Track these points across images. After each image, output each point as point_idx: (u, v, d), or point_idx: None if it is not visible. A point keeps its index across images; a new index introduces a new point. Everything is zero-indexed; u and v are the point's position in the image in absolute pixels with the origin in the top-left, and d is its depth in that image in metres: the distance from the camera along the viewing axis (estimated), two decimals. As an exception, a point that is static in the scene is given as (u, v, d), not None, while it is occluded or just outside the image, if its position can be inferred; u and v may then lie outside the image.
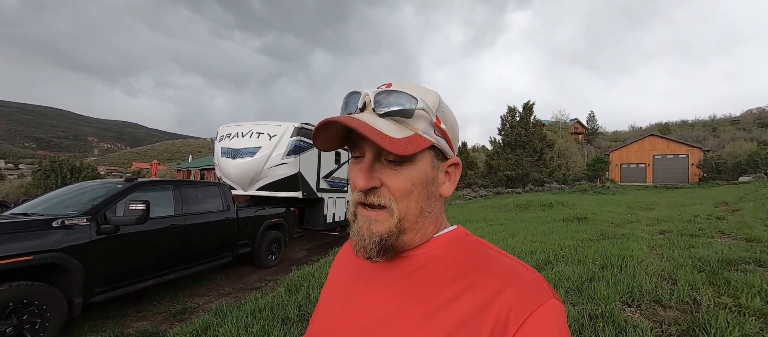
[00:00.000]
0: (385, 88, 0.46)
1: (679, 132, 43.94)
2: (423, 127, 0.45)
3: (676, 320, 2.17)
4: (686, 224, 6.17)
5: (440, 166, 0.48)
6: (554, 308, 0.38)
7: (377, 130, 0.42)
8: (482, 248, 0.47)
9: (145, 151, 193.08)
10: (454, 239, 0.48)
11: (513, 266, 0.43)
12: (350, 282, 0.52)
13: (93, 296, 2.84)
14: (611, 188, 19.37)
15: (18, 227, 2.50)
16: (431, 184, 0.47)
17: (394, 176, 0.44)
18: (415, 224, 0.46)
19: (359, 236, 0.46)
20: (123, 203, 3.15)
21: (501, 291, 0.39)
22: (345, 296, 0.51)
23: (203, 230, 4.07)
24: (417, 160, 0.45)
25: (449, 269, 0.44)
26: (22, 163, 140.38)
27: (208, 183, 4.68)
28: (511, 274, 0.41)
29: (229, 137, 5.94)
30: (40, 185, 26.35)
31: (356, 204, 0.47)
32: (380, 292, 0.46)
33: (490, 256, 0.45)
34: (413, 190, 0.45)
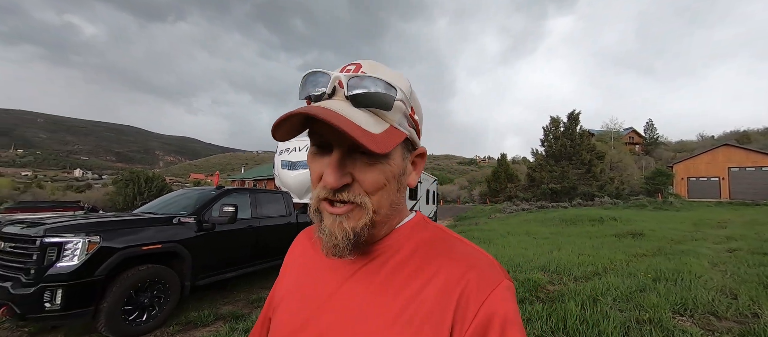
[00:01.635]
0: (355, 72, 0.42)
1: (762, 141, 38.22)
2: (398, 119, 0.43)
3: (730, 329, 2.20)
4: (762, 243, 5.60)
5: (407, 155, 0.47)
6: (508, 288, 0.40)
7: (356, 125, 0.38)
8: (442, 234, 0.47)
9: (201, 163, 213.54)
10: (414, 228, 0.48)
11: (470, 251, 0.44)
12: (312, 279, 0.49)
13: (197, 281, 3.53)
14: (675, 204, 17.49)
15: (151, 223, 3.26)
16: (402, 176, 0.46)
17: (368, 171, 0.42)
18: (386, 218, 0.45)
19: (329, 235, 0.42)
20: (217, 206, 3.87)
21: (462, 275, 0.40)
22: (309, 293, 0.47)
23: (271, 232, 4.72)
24: (391, 155, 0.43)
25: (414, 258, 0.44)
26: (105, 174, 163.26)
27: (274, 191, 5.38)
28: (471, 258, 0.42)
29: (288, 151, 6.73)
30: (120, 193, 30.61)
31: (320, 200, 0.43)
32: (350, 287, 0.44)
33: (450, 243, 0.45)
34: (386, 184, 0.43)
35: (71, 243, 2.60)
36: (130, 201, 28.86)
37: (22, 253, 2.61)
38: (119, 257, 2.81)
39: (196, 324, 3.25)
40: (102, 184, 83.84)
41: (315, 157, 0.44)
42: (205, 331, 3.11)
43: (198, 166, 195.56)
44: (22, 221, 2.99)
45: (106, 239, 2.76)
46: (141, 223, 3.18)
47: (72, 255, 2.58)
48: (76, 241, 2.61)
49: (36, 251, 2.53)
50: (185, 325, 3.23)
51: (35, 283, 2.47)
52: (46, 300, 2.46)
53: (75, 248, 2.60)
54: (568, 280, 3.55)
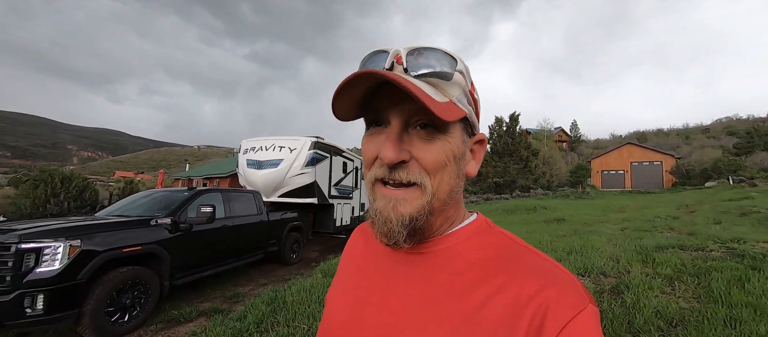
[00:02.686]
0: (416, 46, 0.40)
1: (655, 140, 46.67)
2: (457, 95, 0.40)
3: (611, 282, 3.13)
4: (644, 223, 7.30)
5: (468, 141, 0.44)
6: (592, 315, 0.35)
7: (420, 88, 0.36)
8: (510, 242, 0.43)
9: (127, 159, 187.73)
10: (478, 231, 0.44)
11: (546, 266, 0.39)
12: (365, 278, 0.47)
13: (175, 280, 3.60)
14: (591, 194, 20.82)
15: (129, 225, 3.26)
16: (461, 160, 0.42)
17: (427, 148, 0.39)
18: (445, 204, 0.41)
19: (383, 218, 0.40)
20: (193, 206, 3.93)
21: (537, 293, 0.35)
22: (362, 293, 0.45)
23: (244, 231, 4.84)
24: (451, 132, 0.40)
25: (478, 266, 0.40)
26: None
27: (245, 191, 5.45)
28: (547, 275, 0.37)
29: (254, 150, 6.74)
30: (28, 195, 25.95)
31: (375, 181, 0.41)
32: (405, 290, 0.41)
33: (521, 253, 0.41)
34: (447, 164, 0.40)
35: (51, 248, 2.59)
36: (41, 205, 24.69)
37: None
38: (100, 260, 2.83)
39: (179, 321, 3.36)
40: (-5, 184, 69.25)
41: (370, 138, 0.42)
42: (188, 327, 3.25)
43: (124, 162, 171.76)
44: None
45: (86, 243, 2.77)
46: (119, 226, 3.18)
47: (52, 260, 2.57)
48: (57, 246, 2.60)
49: (11, 258, 2.48)
50: (167, 323, 3.32)
51: (13, 289, 2.43)
52: (26, 306, 2.44)
53: (55, 253, 2.59)
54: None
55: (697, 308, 2.38)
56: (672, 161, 29.13)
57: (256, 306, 3.14)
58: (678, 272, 3.21)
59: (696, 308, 2.39)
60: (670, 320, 2.26)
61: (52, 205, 25.29)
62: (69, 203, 26.15)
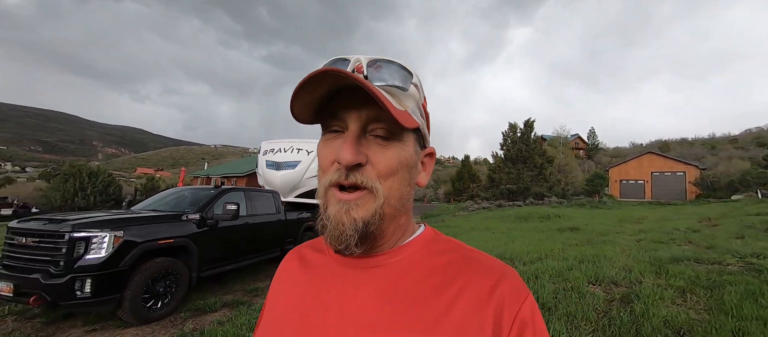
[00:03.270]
0: (377, 57, 0.42)
1: (678, 149, 44.90)
2: (411, 107, 0.43)
3: (621, 291, 3.17)
4: (662, 235, 7.15)
5: (419, 152, 0.46)
6: (533, 301, 0.41)
7: (382, 93, 0.38)
8: (460, 248, 0.46)
9: (149, 156, 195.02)
10: (429, 241, 0.47)
11: (495, 264, 0.44)
12: (314, 302, 0.44)
13: (202, 272, 3.86)
14: (607, 203, 20.28)
15: (163, 219, 3.55)
16: (413, 169, 0.44)
17: (382, 153, 0.41)
18: (396, 211, 0.43)
19: (336, 222, 0.40)
20: (219, 203, 4.20)
21: (493, 288, 0.40)
22: (314, 319, 0.42)
23: (264, 228, 5.09)
24: (405, 140, 0.42)
25: (435, 274, 0.42)
26: (29, 167, 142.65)
27: (265, 190, 5.72)
28: (498, 271, 0.42)
29: (273, 152, 7.04)
30: (58, 189, 27.34)
31: (330, 186, 0.41)
32: (368, 303, 0.41)
33: (472, 256, 0.45)
34: (399, 171, 0.42)
35: (98, 237, 2.87)
36: (70, 198, 25.96)
37: (49, 247, 2.82)
38: (140, 250, 3.11)
39: (205, 311, 3.61)
40: (27, 177, 73.34)
41: (327, 142, 0.43)
42: (214, 316, 3.49)
43: (145, 159, 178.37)
44: (38, 218, 3.13)
45: (128, 234, 3.05)
46: (155, 219, 3.46)
47: (99, 248, 2.85)
48: (103, 235, 2.89)
49: (64, 245, 2.77)
50: (194, 312, 3.57)
51: (65, 273, 2.71)
52: (77, 288, 2.72)
53: (102, 242, 2.87)
54: (519, 264, 4.46)
55: (707, 320, 2.42)
56: (696, 172, 27.98)
57: (276, 299, 3.35)
58: (691, 284, 3.21)
59: (705, 320, 2.42)
60: (678, 329, 2.31)
61: (79, 198, 26.54)
62: (95, 197, 27.36)
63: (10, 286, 2.70)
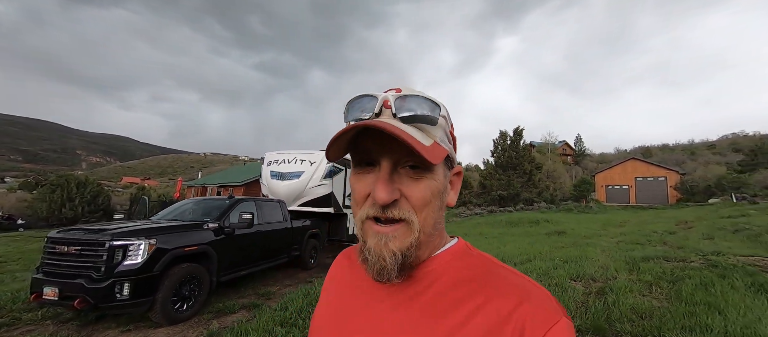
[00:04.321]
0: (403, 93, 0.44)
1: (660, 155, 46.69)
2: (440, 136, 0.44)
3: (598, 286, 3.63)
4: (640, 237, 7.75)
5: (448, 174, 0.47)
6: (565, 328, 0.37)
7: (410, 134, 0.40)
8: (488, 263, 0.46)
9: (135, 165, 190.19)
10: (458, 254, 0.47)
11: (523, 283, 0.42)
12: (349, 304, 0.48)
13: (220, 277, 4.16)
14: (593, 208, 21.11)
15: (187, 228, 3.86)
16: (444, 194, 0.46)
17: (415, 186, 0.42)
18: (430, 237, 0.44)
19: (376, 255, 0.42)
20: (234, 212, 4.53)
21: (515, 309, 0.38)
22: (346, 320, 0.47)
23: (274, 236, 5.42)
24: (435, 171, 0.44)
25: (458, 287, 0.43)
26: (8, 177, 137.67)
27: (273, 200, 6.05)
28: (523, 291, 0.40)
29: (277, 163, 7.37)
30: (44, 199, 26.67)
31: (366, 220, 0.44)
32: (387, 314, 0.44)
33: (498, 272, 0.44)
34: (432, 200, 0.43)
35: (135, 245, 3.18)
36: (56, 209, 25.35)
37: (91, 254, 3.11)
38: (170, 256, 3.42)
39: (225, 312, 3.91)
40: (7, 187, 70.85)
41: (360, 177, 0.45)
42: (234, 317, 3.80)
43: (132, 168, 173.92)
44: (81, 229, 3.42)
45: (160, 242, 3.37)
46: (180, 228, 3.78)
47: (136, 255, 3.16)
48: (139, 243, 3.20)
49: (105, 252, 3.08)
50: (216, 313, 3.87)
51: (107, 278, 3.02)
52: (116, 291, 3.02)
53: (138, 249, 3.18)
54: (509, 265, 4.92)
55: (666, 306, 2.89)
56: (676, 177, 29.26)
57: (294, 300, 3.69)
58: (657, 279, 3.70)
59: (664, 306, 2.89)
60: (641, 314, 2.77)
61: (67, 209, 25.86)
62: (83, 208, 26.70)
63: (55, 291, 2.98)
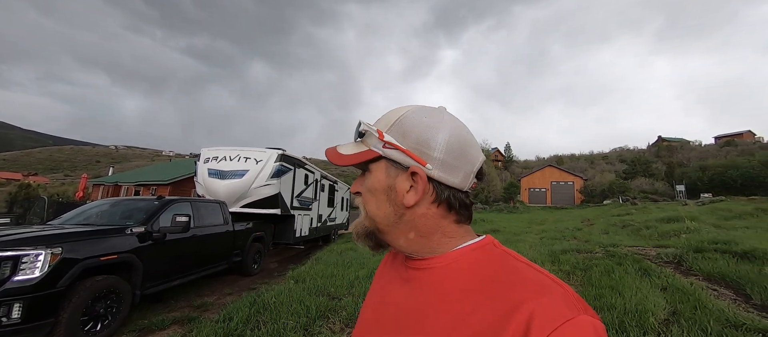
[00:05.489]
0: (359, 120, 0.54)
1: (569, 163, 54.79)
2: (374, 143, 0.51)
3: (529, 276, 4.14)
4: (557, 233, 9.03)
5: (399, 175, 0.50)
6: (585, 325, 0.36)
7: (334, 150, 0.55)
8: (508, 258, 0.46)
9: (17, 157, 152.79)
10: (479, 249, 0.48)
11: (539, 278, 0.42)
12: (380, 288, 0.58)
13: (145, 290, 3.61)
14: (520, 208, 23.88)
15: (104, 233, 3.25)
16: (390, 191, 0.50)
17: (363, 183, 0.53)
18: (393, 227, 0.50)
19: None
20: (166, 215, 3.97)
21: (522, 303, 0.38)
22: (377, 299, 0.56)
23: (212, 241, 4.90)
24: (372, 170, 0.51)
25: (471, 278, 0.44)
26: None
27: (212, 200, 5.46)
28: (536, 286, 0.40)
29: (217, 160, 6.69)
30: None
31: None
32: (404, 298, 0.49)
33: (517, 268, 0.44)
34: (372, 195, 0.51)
35: (30, 256, 2.57)
36: None
37: (-38, 270, 2.41)
38: (80, 268, 2.85)
39: (151, 329, 3.40)
40: None
41: None
42: (163, 334, 3.33)
43: (11, 161, 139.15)
44: None
45: (67, 251, 2.78)
46: (95, 234, 3.18)
47: (33, 267, 2.56)
48: (37, 253, 2.60)
49: (-16, 267, 2.42)
50: (139, 331, 3.35)
51: (-14, 299, 2.37)
52: (1, 315, 2.40)
53: (36, 261, 2.58)
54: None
55: (580, 291, 3.43)
56: (581, 182, 34.83)
57: (239, 309, 3.39)
58: (573, 268, 4.37)
59: (579, 291, 3.43)
60: (564, 298, 3.23)
61: None
62: (-68, 208, 20.56)
63: None
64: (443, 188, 0.48)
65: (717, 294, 3.19)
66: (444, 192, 0.48)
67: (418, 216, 0.49)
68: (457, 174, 0.48)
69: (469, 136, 0.51)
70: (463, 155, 0.49)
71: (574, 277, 4.00)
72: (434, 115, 0.50)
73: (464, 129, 0.51)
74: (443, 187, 0.48)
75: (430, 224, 0.49)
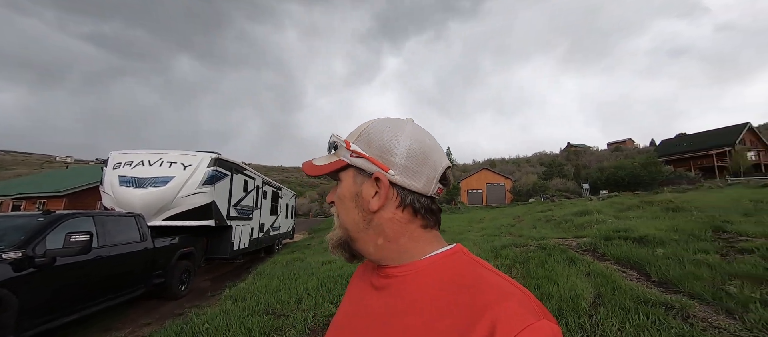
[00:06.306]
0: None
1: (501, 166, 60.78)
2: (342, 153, 0.52)
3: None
4: (495, 230, 9.79)
5: (365, 181, 0.50)
6: (544, 329, 0.36)
7: (310, 163, 0.56)
8: (476, 265, 0.46)
9: None
10: (448, 257, 0.48)
11: (501, 284, 0.42)
12: (352, 297, 0.57)
13: (24, 331, 2.78)
14: (461, 209, 25.55)
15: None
16: (357, 198, 0.51)
17: (336, 193, 0.54)
18: (362, 233, 0.51)
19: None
20: (56, 233, 3.14)
21: (487, 308, 0.38)
22: (348, 308, 0.56)
23: (123, 262, 4.06)
24: (342, 178, 0.53)
25: (440, 285, 0.44)
26: None
27: (125, 214, 4.53)
28: (499, 292, 0.40)
29: (132, 165, 5.64)
30: None
31: None
32: (376, 305, 0.49)
33: (482, 274, 0.44)
34: (342, 202, 0.52)
35: None
36: None
37: None
38: None
39: (32, 383, 2.63)
40: None
41: None
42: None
43: None
44: None
45: None
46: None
47: None
48: None
49: None
50: (12, 389, 2.55)
51: None
52: None
53: None
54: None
55: (521, 281, 3.68)
56: (510, 183, 38.86)
57: (161, 341, 2.83)
58: (513, 262, 4.72)
59: (521, 282, 3.69)
60: (509, 291, 3.44)
61: None
62: None
63: None
64: (407, 192, 0.49)
65: (626, 275, 3.73)
66: (408, 197, 0.49)
67: (385, 221, 0.50)
68: (419, 179, 0.49)
69: (431, 143, 0.52)
70: (425, 161, 0.50)
71: (514, 270, 4.31)
72: (397, 125, 0.52)
73: (427, 136, 0.53)
74: (406, 191, 0.49)
75: (397, 228, 0.50)
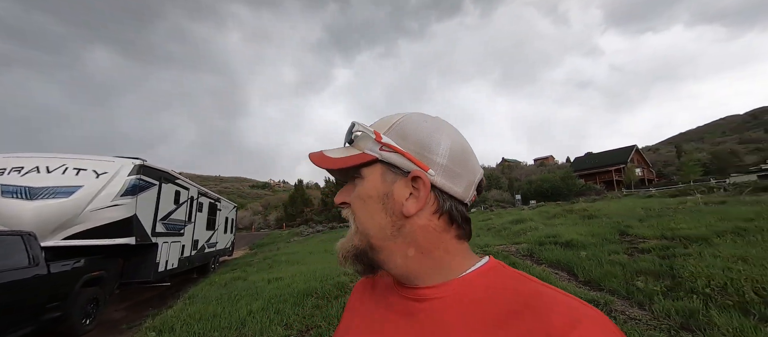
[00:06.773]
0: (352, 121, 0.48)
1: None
2: (369, 146, 0.44)
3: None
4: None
5: (397, 180, 0.43)
6: None
7: (320, 153, 0.47)
8: (525, 281, 0.40)
9: None
10: (487, 274, 0.42)
11: (570, 303, 0.36)
12: (365, 327, 0.47)
13: None
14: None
15: None
16: (386, 199, 0.43)
17: (352, 192, 0.46)
18: (390, 242, 0.43)
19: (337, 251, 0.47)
20: None
21: (567, 333, 0.33)
22: (362, 335, 0.46)
23: (1, 293, 3.17)
24: (365, 175, 0.44)
25: (492, 310, 0.37)
26: None
27: (8, 232, 3.55)
28: (574, 314, 0.34)
29: (20, 172, 4.54)
30: None
31: None
32: (397, 320, 0.43)
33: (540, 291, 0.38)
34: (364, 203, 0.44)
35: None
36: None
37: None
38: None
39: None
40: None
41: None
42: None
43: None
44: None
45: None
46: None
47: None
48: None
49: None
50: None
51: None
52: None
53: None
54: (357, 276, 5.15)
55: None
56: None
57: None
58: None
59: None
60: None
61: None
62: None
63: None
64: (446, 197, 0.43)
65: (559, 276, 4.14)
66: (446, 202, 0.43)
67: (419, 229, 0.42)
68: (460, 183, 0.43)
69: (468, 146, 0.47)
70: (466, 163, 0.44)
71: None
72: (435, 121, 0.46)
73: (464, 138, 0.47)
74: (446, 196, 0.43)
75: (432, 238, 0.43)
